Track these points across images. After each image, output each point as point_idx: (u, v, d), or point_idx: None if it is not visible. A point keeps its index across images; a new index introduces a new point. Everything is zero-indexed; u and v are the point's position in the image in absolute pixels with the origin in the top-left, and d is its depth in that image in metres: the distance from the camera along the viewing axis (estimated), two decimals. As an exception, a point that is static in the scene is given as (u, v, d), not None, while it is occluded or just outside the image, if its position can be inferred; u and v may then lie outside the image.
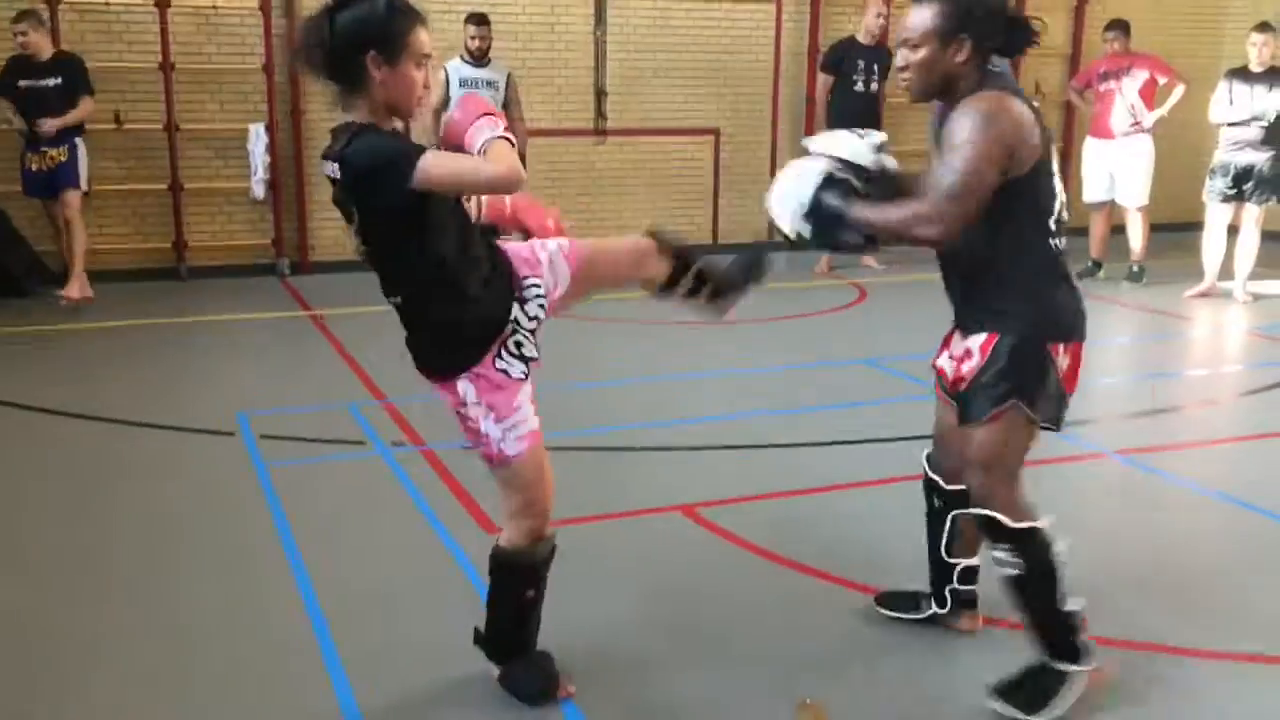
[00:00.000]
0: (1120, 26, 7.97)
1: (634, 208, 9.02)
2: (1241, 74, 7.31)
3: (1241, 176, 7.30)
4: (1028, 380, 2.53)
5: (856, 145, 2.64)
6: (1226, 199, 7.40)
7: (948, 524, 2.85)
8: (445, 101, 7.46)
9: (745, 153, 9.25)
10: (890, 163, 2.67)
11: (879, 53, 8.25)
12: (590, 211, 8.74)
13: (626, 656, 2.87)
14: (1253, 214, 7.36)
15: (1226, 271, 7.44)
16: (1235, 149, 7.32)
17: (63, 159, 6.96)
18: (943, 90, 2.57)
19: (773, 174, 3.21)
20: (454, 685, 2.74)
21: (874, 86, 8.24)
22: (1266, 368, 5.97)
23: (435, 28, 2.41)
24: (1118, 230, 8.11)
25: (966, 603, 2.96)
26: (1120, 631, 2.92)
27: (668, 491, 3.95)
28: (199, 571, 3.37)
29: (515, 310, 2.45)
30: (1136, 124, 7.81)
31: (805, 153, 2.69)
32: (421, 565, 3.28)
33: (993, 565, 2.64)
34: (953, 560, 2.90)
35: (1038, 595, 2.56)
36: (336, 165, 2.28)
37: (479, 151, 2.26)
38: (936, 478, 2.88)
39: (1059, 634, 2.57)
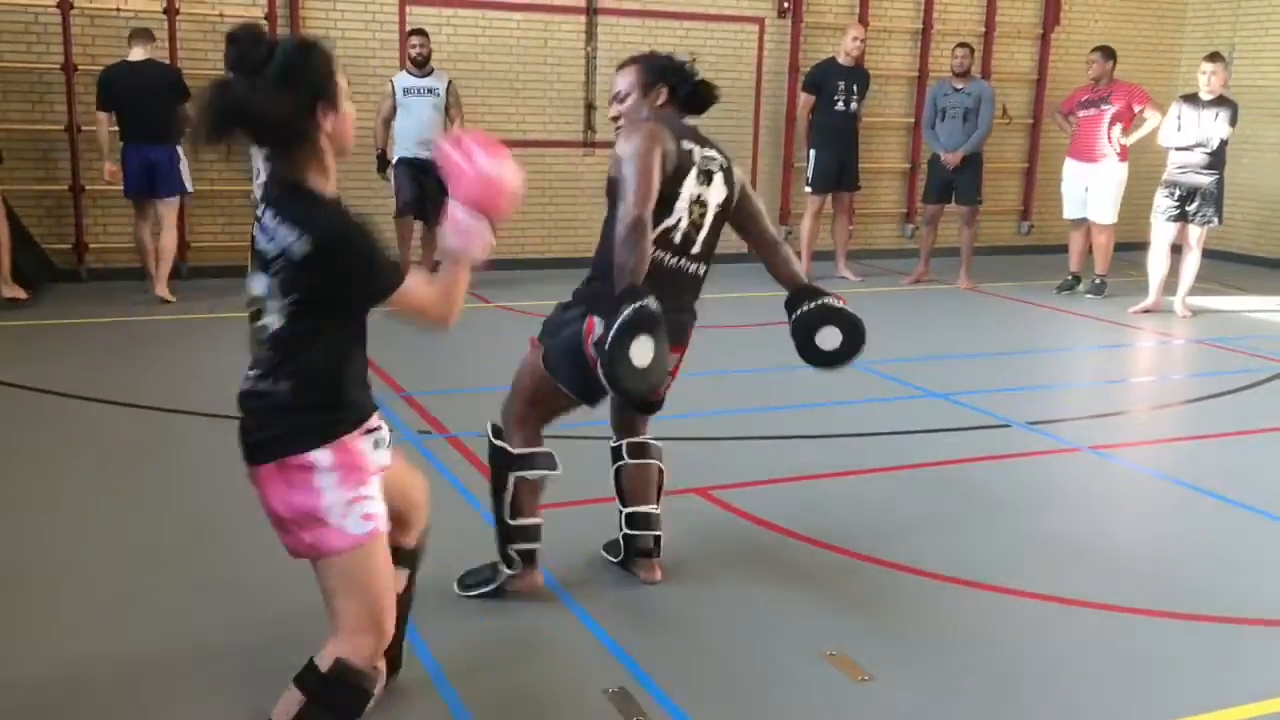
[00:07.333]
0: (1104, 49, 8.43)
1: (619, 216, 9.39)
2: (1192, 100, 7.76)
3: (1186, 198, 7.75)
4: (555, 345, 3.14)
5: None
6: (1172, 219, 7.83)
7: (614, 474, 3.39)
8: (393, 110, 7.89)
9: (726, 166, 9.64)
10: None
11: (857, 74, 8.74)
12: (577, 220, 9.13)
13: (657, 606, 3.28)
14: (1195, 234, 7.81)
15: (1171, 287, 7.94)
16: (1181, 172, 7.76)
17: None
18: None
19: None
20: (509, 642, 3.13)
21: (853, 106, 8.72)
22: (1207, 377, 6.51)
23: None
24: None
25: (639, 551, 3.36)
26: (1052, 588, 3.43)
27: (687, 476, 4.31)
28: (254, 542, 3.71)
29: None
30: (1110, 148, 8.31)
31: None
32: (465, 541, 3.49)
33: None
34: (622, 508, 3.36)
35: (493, 500, 3.21)
36: (297, 234, 2.01)
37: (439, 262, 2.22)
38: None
39: (500, 539, 3.21)
